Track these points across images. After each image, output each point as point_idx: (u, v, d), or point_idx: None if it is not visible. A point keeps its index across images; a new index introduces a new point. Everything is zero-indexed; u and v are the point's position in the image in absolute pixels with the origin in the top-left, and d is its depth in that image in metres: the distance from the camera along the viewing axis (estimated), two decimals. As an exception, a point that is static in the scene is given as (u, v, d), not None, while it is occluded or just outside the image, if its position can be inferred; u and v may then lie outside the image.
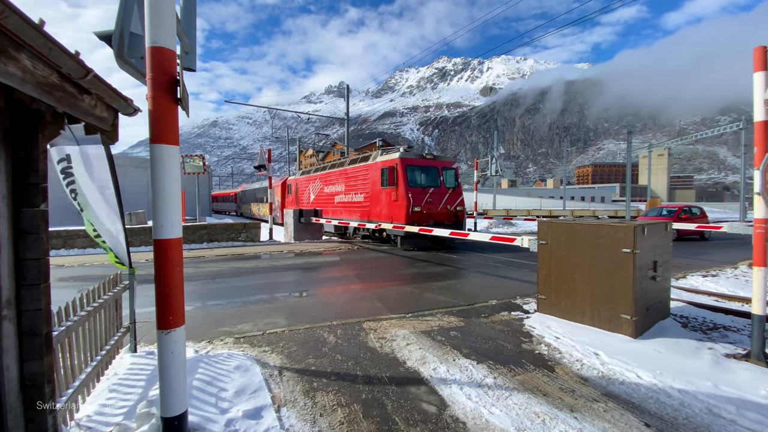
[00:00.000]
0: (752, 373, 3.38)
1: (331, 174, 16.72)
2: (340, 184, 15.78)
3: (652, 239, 4.44)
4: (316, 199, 18.36)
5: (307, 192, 19.62)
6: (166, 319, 2.22)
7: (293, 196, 22.00)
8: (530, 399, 2.98)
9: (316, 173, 18.80)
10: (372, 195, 13.29)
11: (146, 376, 3.20)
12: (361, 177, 14.13)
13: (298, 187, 21.25)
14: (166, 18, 2.10)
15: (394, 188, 12.01)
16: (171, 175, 2.02)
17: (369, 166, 13.64)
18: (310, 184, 19.20)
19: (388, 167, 12.35)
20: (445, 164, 13.11)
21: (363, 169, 14.08)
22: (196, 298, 6.26)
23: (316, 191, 18.51)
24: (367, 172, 13.75)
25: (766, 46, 3.81)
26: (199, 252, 11.98)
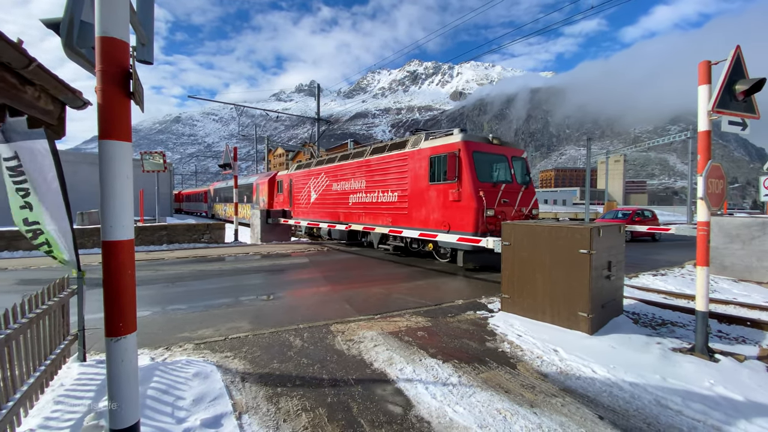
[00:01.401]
0: (696, 366, 3.64)
1: (344, 167, 13.22)
2: (358, 179, 12.44)
3: (607, 241, 4.70)
4: (320, 199, 14.80)
5: (306, 190, 16.02)
6: (116, 325, 2.09)
7: (285, 195, 18.37)
8: (493, 396, 3.06)
9: (319, 167, 15.07)
10: (413, 193, 10.04)
11: (96, 386, 3.01)
12: (394, 170, 10.85)
13: (293, 185, 17.35)
14: (119, 7, 1.98)
15: (454, 184, 8.72)
16: (122, 173, 1.91)
17: (408, 155, 10.30)
18: (311, 181, 15.57)
19: (444, 155, 9.02)
20: (515, 152, 9.84)
21: (397, 159, 10.76)
22: (154, 303, 5.96)
23: (319, 189, 14.93)
24: (404, 164, 10.46)
25: (709, 61, 4.14)
26: (159, 254, 11.42)
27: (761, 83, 3.78)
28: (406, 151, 10.52)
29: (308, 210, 15.84)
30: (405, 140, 10.88)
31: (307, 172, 16.21)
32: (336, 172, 13.88)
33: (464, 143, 8.77)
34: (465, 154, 8.69)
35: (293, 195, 17.44)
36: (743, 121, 4.02)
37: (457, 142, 8.86)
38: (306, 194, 16.11)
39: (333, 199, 13.97)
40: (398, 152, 10.82)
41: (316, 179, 15.31)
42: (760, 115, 4.14)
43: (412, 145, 10.35)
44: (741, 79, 3.87)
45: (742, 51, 3.93)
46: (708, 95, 3.89)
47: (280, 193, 19.21)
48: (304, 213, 16.19)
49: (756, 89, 3.82)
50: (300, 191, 16.69)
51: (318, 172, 15.14)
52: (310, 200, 15.73)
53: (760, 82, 3.77)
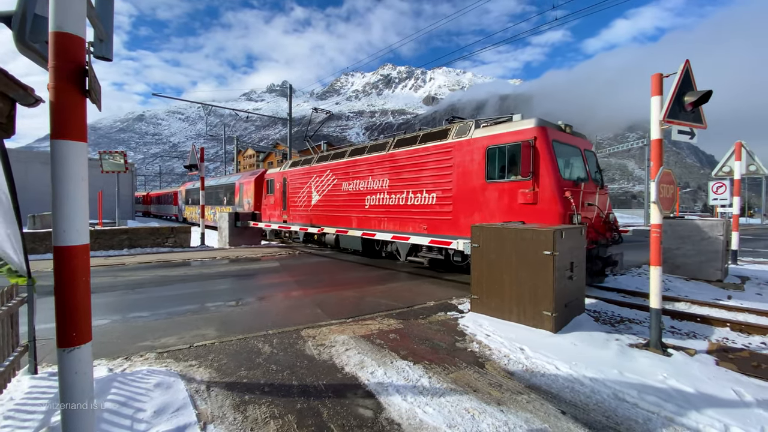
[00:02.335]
0: (651, 360, 3.86)
1: (359, 163, 11.24)
2: (378, 177, 10.46)
3: (569, 242, 4.91)
4: (326, 202, 12.69)
5: (305, 191, 13.76)
6: (69, 335, 1.97)
7: (277, 197, 15.80)
8: (461, 396, 3.12)
9: (323, 163, 12.96)
10: (460, 193, 8.15)
11: (48, 400, 2.82)
12: (432, 165, 8.89)
13: (287, 185, 14.98)
14: (75, 1, 1.89)
15: (526, 182, 6.97)
16: (76, 175, 1.81)
17: (453, 147, 8.39)
18: (312, 180, 13.38)
19: (511, 145, 7.27)
20: (587, 144, 8.30)
21: (436, 152, 8.80)
22: (113, 311, 5.66)
23: (323, 189, 12.83)
24: (446, 157, 8.54)
25: (661, 74, 4.42)
26: (119, 259, 10.86)
27: (707, 95, 4.09)
28: (448, 142, 8.49)
29: (309, 214, 13.56)
30: (445, 129, 8.97)
31: (306, 169, 13.83)
32: (347, 170, 11.72)
33: (541, 130, 6.95)
34: (543, 143, 6.82)
35: (288, 196, 14.92)
36: (691, 130, 4.33)
37: (532, 129, 7.06)
38: (305, 195, 13.80)
39: (343, 201, 11.86)
40: (437, 144, 8.81)
41: (319, 178, 13.06)
42: (707, 125, 4.47)
43: (458, 134, 8.41)
44: (689, 91, 4.17)
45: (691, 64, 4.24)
46: (660, 106, 4.15)
47: (270, 194, 16.53)
48: (304, 217, 13.89)
49: (703, 101, 4.13)
50: (297, 192, 14.35)
51: (322, 169, 12.91)
52: (311, 202, 13.46)
53: (707, 95, 4.08)
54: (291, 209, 14.80)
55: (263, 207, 17.17)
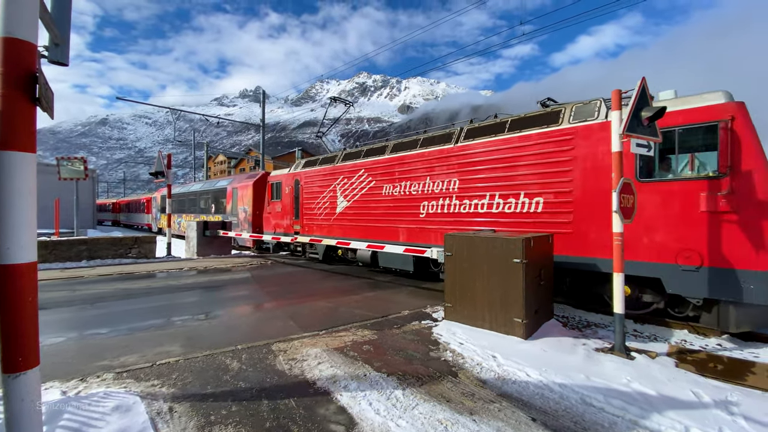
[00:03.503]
0: (615, 364, 4.01)
1: (409, 160, 9.03)
2: (441, 177, 8.28)
3: (538, 250, 5.05)
4: (357, 208, 10.43)
5: (327, 196, 11.53)
6: (14, 360, 1.83)
7: (286, 203, 13.44)
8: (435, 407, 3.11)
9: (354, 161, 10.67)
10: (586, 197, 6.12)
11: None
12: (535, 159, 6.73)
13: (301, 189, 12.69)
14: (25, 6, 1.78)
15: (718, 180, 5.00)
16: (22, 188, 1.68)
17: (575, 133, 6.27)
18: (338, 182, 11.15)
19: (692, 127, 5.28)
20: None
21: (543, 141, 6.66)
22: (69, 328, 5.31)
23: (353, 193, 10.55)
24: (561, 148, 6.41)
25: (620, 90, 4.67)
26: (77, 271, 10.23)
27: (662, 111, 4.34)
28: (564, 128, 6.40)
29: (331, 224, 11.36)
30: (552, 111, 6.77)
31: (329, 170, 11.56)
32: (390, 168, 9.51)
33: (741, 107, 4.97)
34: (746, 126, 4.93)
35: (302, 203, 12.61)
36: (648, 143, 4.57)
37: (726, 105, 5.04)
38: (327, 201, 11.56)
39: (384, 208, 9.61)
40: (542, 131, 6.67)
41: (348, 180, 10.77)
42: (661, 138, 4.74)
43: (580, 116, 6.30)
44: (646, 107, 4.41)
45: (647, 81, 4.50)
46: (620, 120, 4.38)
47: (275, 200, 14.11)
48: (324, 228, 11.67)
49: (658, 116, 4.37)
50: (315, 197, 12.08)
51: (352, 169, 10.63)
52: (334, 210, 11.21)
53: (661, 110, 4.33)
54: (306, 218, 12.48)
55: (266, 216, 14.77)
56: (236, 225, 16.69)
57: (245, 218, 16.17)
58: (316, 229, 12.03)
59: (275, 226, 14.24)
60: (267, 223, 14.78)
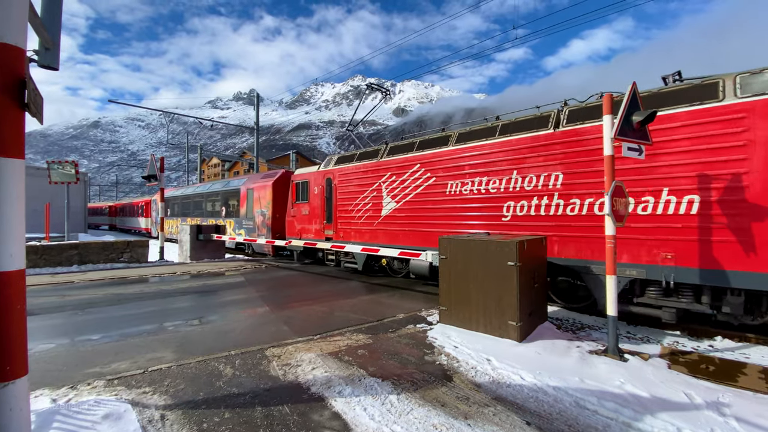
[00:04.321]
0: (609, 366, 4.03)
1: (486, 150, 7.57)
2: (536, 170, 6.78)
3: (532, 252, 5.08)
4: (410, 210, 8.96)
5: (371, 196, 9.96)
6: (2, 369, 1.80)
7: (316, 205, 11.95)
8: (430, 411, 3.10)
9: (404, 155, 9.23)
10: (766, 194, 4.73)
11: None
12: (684, 146, 5.38)
13: (335, 188, 11.24)
14: (14, 10, 1.76)
15: None
16: (10, 195, 1.66)
17: (750, 110, 4.86)
18: (383, 180, 9.63)
19: None
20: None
21: (693, 122, 5.32)
22: (59, 334, 5.23)
23: (404, 193, 9.11)
24: (726, 131, 5.05)
25: (612, 94, 4.72)
26: (67, 276, 10.09)
27: (653, 115, 4.40)
28: (730, 104, 5.03)
29: (375, 229, 9.82)
30: (707, 83, 5.35)
31: (371, 166, 10.01)
32: (458, 162, 8.03)
33: None
34: None
35: (336, 205, 11.14)
36: (639, 147, 4.63)
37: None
38: (370, 202, 9.99)
39: (449, 209, 8.15)
40: (691, 109, 5.36)
41: (397, 176, 9.25)
42: (652, 142, 4.80)
43: (748, 89, 4.96)
44: (637, 111, 4.47)
45: (638, 85, 4.56)
46: (611, 124, 4.43)
47: (301, 201, 12.58)
48: (366, 233, 10.13)
49: (648, 120, 4.43)
50: (352, 198, 10.58)
51: (404, 164, 9.13)
52: (379, 212, 9.68)
53: (652, 114, 4.39)
54: (341, 222, 10.93)
55: (289, 219, 13.13)
56: (251, 230, 15.21)
57: (263, 222, 14.49)
58: (354, 234, 10.51)
59: (301, 231, 12.62)
60: (290, 228, 13.16)
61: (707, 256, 5.08)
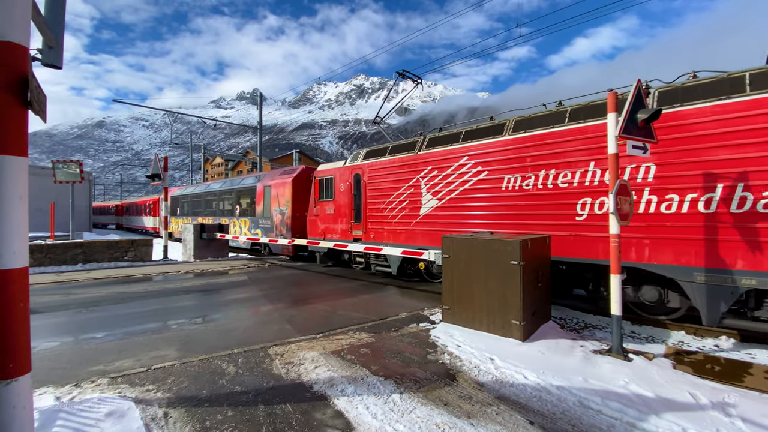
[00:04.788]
0: (613, 366, 4.00)
1: (546, 140, 6.70)
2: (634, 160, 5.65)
3: (535, 251, 5.05)
4: (456, 206, 8.02)
5: (407, 192, 9.02)
6: (5, 366, 1.80)
7: (342, 203, 11.03)
8: (432, 410, 3.09)
9: (445, 147, 8.36)
10: None
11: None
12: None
13: (364, 185, 10.26)
14: (17, 9, 1.76)
15: None
16: (13, 193, 1.66)
17: None
18: (422, 175, 8.73)
19: None
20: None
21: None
22: (63, 332, 5.27)
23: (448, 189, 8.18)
24: None
25: (617, 92, 4.68)
26: (72, 275, 10.16)
27: (657, 113, 4.36)
28: None
29: (413, 228, 8.88)
30: None
31: (408, 160, 9.11)
32: (517, 153, 7.06)
33: None
34: None
35: (365, 203, 10.16)
36: (644, 145, 4.59)
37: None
38: (406, 200, 9.06)
39: (505, 207, 7.16)
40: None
41: (440, 171, 8.33)
42: (657, 140, 4.76)
43: None
44: (642, 109, 4.43)
45: (642, 82, 4.52)
46: (616, 122, 4.39)
47: (325, 199, 11.65)
48: (400, 234, 9.26)
49: (653, 118, 4.39)
50: (385, 195, 9.62)
51: (448, 156, 8.20)
52: (418, 210, 8.78)
53: (657, 112, 4.35)
54: (371, 221, 9.99)
55: (311, 219, 12.19)
56: (269, 229, 14.41)
57: (282, 221, 13.58)
58: (387, 235, 9.52)
59: (324, 231, 11.61)
60: (312, 228, 12.20)
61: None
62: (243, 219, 16.25)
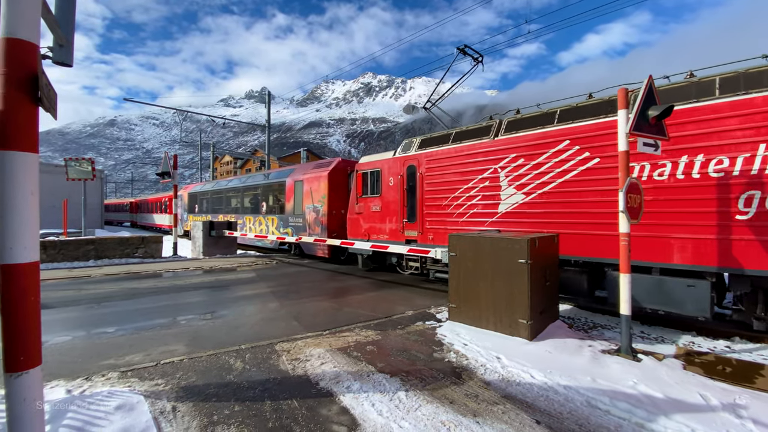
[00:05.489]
0: (622, 366, 3.95)
1: (694, 118, 5.17)
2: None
3: (543, 250, 5.00)
4: (550, 201, 6.65)
5: (480, 186, 7.67)
6: (16, 359, 1.84)
7: (392, 199, 9.61)
8: (438, 408, 3.09)
9: (530, 131, 7.00)
10: None
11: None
12: None
13: (421, 178, 8.88)
14: (27, 6, 1.79)
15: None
16: (24, 188, 1.69)
17: None
18: (500, 165, 7.33)
19: None
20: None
21: None
22: (75, 326, 5.36)
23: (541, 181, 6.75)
24: None
25: (627, 88, 4.60)
26: (84, 271, 10.35)
27: (669, 110, 4.27)
28: None
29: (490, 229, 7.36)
30: None
31: (480, 147, 7.66)
32: None
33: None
34: None
35: (422, 198, 8.75)
36: (655, 142, 4.51)
37: None
38: (477, 194, 7.68)
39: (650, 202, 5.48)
40: None
41: (527, 159, 6.89)
42: (669, 138, 4.67)
43: None
44: (653, 106, 4.34)
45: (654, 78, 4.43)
46: (626, 119, 4.32)
47: (371, 195, 10.21)
48: None
49: (665, 115, 4.31)
50: (449, 190, 8.22)
51: (539, 141, 6.77)
52: (496, 207, 7.35)
53: (669, 109, 4.26)
54: (430, 220, 8.60)
55: (353, 217, 10.86)
56: (300, 228, 13.25)
57: (316, 219, 12.44)
58: None
59: (369, 231, 10.27)
60: (354, 227, 10.88)
61: None
62: (270, 217, 15.13)
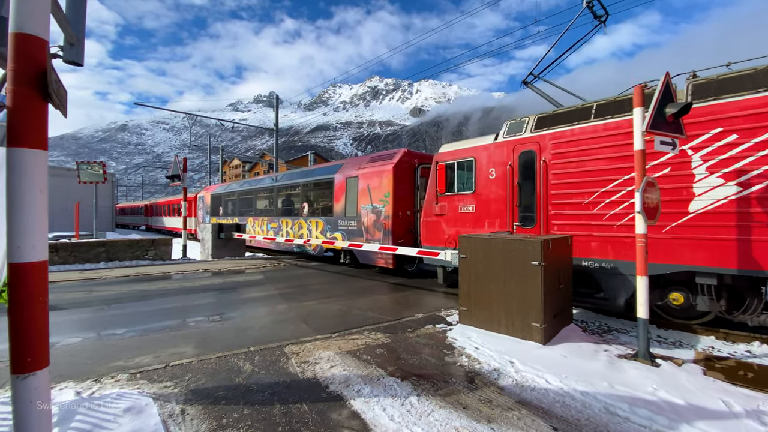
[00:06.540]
0: (640, 371, 3.82)
1: None
2: None
3: (557, 252, 4.89)
4: None
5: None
6: (23, 360, 1.80)
7: (493, 197, 7.38)
8: (451, 413, 3.00)
9: (752, 95, 4.53)
10: None
11: (5, 430, 2.60)
12: None
13: (548, 168, 6.49)
14: (36, 1, 1.77)
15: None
16: (33, 186, 1.67)
17: None
18: (697, 147, 4.97)
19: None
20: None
21: None
22: (86, 328, 5.38)
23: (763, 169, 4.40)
24: None
25: (642, 85, 4.48)
26: (95, 273, 10.43)
27: (688, 107, 4.15)
28: None
29: (673, 237, 5.15)
30: None
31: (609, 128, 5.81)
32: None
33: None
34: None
35: (549, 194, 6.49)
36: (673, 141, 4.38)
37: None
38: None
39: None
40: None
41: (743, 135, 4.62)
42: (687, 136, 4.54)
43: None
44: (670, 103, 4.23)
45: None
46: (642, 117, 4.21)
47: (459, 192, 8.08)
48: (627, 243, 5.53)
49: (683, 113, 4.19)
50: (595, 183, 5.92)
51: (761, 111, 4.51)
52: (686, 205, 5.08)
53: (687, 107, 4.14)
54: (560, 223, 6.38)
55: (431, 220, 8.64)
56: (354, 232, 11.11)
57: (376, 223, 10.32)
58: (599, 246, 5.91)
59: (454, 237, 8.02)
60: (432, 233, 8.64)
61: None
62: (313, 219, 12.81)
